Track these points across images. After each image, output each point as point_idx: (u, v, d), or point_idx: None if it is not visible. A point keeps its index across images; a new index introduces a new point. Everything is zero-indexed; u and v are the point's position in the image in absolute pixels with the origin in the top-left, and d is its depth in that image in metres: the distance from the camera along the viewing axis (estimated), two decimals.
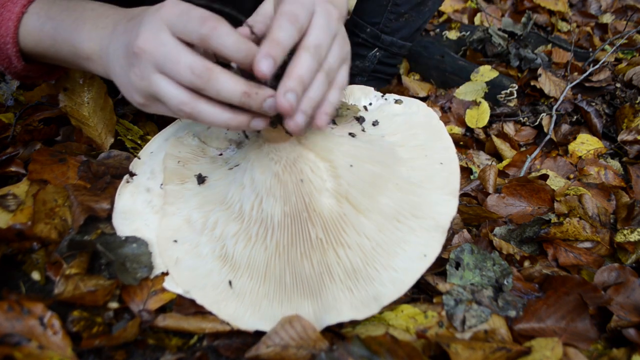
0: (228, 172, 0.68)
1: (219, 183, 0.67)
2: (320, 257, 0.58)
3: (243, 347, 0.55)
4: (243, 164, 0.65)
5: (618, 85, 1.42)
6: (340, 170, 0.61)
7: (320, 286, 0.58)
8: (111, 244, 0.63)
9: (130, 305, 0.58)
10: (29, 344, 0.48)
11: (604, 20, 2.00)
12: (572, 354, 0.55)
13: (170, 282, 0.60)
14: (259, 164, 0.62)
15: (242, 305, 0.58)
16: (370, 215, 0.60)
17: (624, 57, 1.63)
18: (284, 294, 0.58)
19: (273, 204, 0.60)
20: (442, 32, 1.69)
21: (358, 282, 0.57)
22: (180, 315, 0.57)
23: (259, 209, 0.61)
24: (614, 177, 1.05)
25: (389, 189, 0.62)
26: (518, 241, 0.79)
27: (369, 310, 0.55)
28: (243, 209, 0.62)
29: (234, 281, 0.59)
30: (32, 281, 0.60)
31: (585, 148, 1.20)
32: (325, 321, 0.55)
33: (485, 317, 0.59)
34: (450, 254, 0.66)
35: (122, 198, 0.68)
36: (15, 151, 0.80)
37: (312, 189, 0.59)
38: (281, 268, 0.59)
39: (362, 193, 0.61)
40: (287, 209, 0.59)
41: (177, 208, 0.66)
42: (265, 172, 0.61)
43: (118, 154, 0.79)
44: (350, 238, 0.59)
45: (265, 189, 0.60)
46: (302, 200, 0.59)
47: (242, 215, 0.62)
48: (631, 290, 0.66)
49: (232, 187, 0.64)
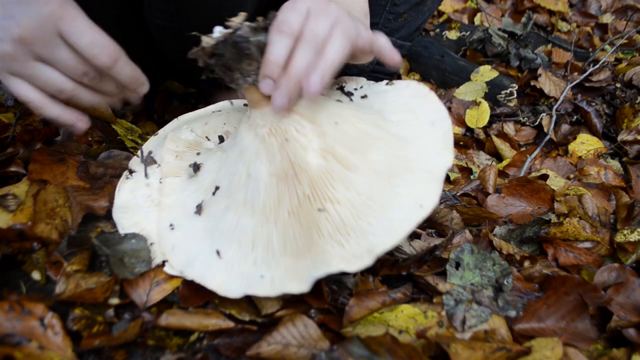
0: (222, 155, 0.68)
1: (212, 167, 0.68)
2: (308, 214, 0.58)
3: (243, 346, 0.55)
4: (235, 142, 0.66)
5: (618, 85, 1.42)
6: (325, 127, 0.60)
7: (309, 243, 0.57)
8: (110, 240, 0.63)
9: (132, 297, 0.58)
10: (29, 344, 0.48)
11: (604, 20, 2.00)
12: (572, 354, 0.55)
13: (169, 267, 0.61)
14: (246, 133, 0.62)
15: (230, 274, 0.58)
16: (359, 171, 0.59)
17: (624, 57, 1.63)
18: (272, 258, 0.58)
19: (259, 167, 0.60)
20: (442, 32, 1.69)
21: (349, 235, 0.56)
22: (183, 312, 0.57)
23: (247, 176, 0.61)
24: (614, 177, 1.05)
25: (379, 147, 0.62)
26: (518, 241, 0.79)
27: (360, 262, 0.53)
28: (232, 183, 0.63)
29: (222, 252, 0.60)
30: (32, 281, 0.60)
31: (585, 148, 1.20)
32: (313, 275, 0.54)
33: (485, 317, 0.59)
34: (450, 254, 0.66)
35: (121, 193, 0.69)
36: (15, 151, 0.80)
37: (297, 147, 0.59)
38: (269, 231, 0.59)
39: (350, 150, 0.60)
40: (273, 169, 0.59)
41: (173, 199, 0.67)
42: (251, 139, 0.61)
43: (118, 154, 0.79)
44: (339, 193, 0.58)
45: (252, 155, 0.61)
46: (288, 158, 0.59)
47: (231, 189, 0.63)
48: (631, 290, 0.66)
49: (224, 166, 0.65)
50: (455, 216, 0.82)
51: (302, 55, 0.55)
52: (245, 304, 0.60)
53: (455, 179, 1.09)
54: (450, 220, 0.81)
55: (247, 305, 0.60)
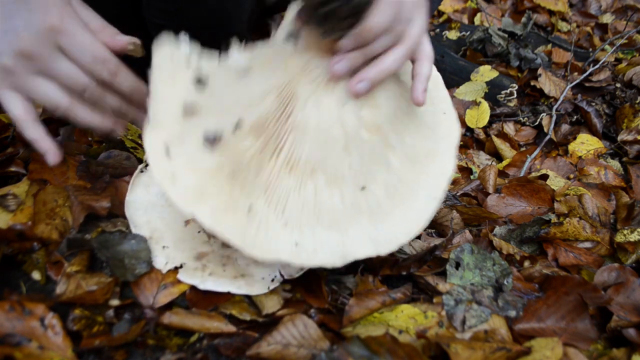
0: (237, 77, 0.58)
1: (227, 90, 0.57)
2: (350, 190, 0.56)
3: (243, 346, 0.55)
4: (261, 70, 0.58)
5: (618, 85, 1.42)
6: (380, 100, 0.59)
7: (347, 220, 0.56)
8: (110, 241, 0.63)
9: (140, 299, 0.58)
10: (30, 345, 0.48)
11: (604, 20, 2.00)
12: (572, 354, 0.55)
13: (183, 274, 0.60)
14: (288, 72, 0.56)
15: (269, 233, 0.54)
16: (396, 152, 0.59)
17: (624, 57, 1.63)
18: (305, 224, 0.55)
19: (303, 115, 0.55)
20: (442, 32, 1.69)
21: (381, 217, 0.57)
22: (186, 312, 0.57)
23: (286, 119, 0.55)
24: (614, 177, 1.05)
25: (412, 131, 0.62)
26: (518, 241, 0.79)
27: (389, 247, 0.55)
28: (266, 120, 0.55)
29: (255, 207, 0.54)
30: (32, 281, 0.60)
31: (585, 148, 1.20)
32: (350, 256, 0.54)
33: (485, 317, 0.59)
34: (450, 254, 0.66)
35: (135, 188, 0.68)
36: (15, 151, 0.80)
37: (349, 114, 0.56)
38: (306, 199, 0.55)
39: (393, 129, 0.60)
40: (320, 132, 0.55)
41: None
42: (298, 82, 0.56)
43: (118, 154, 0.79)
44: (379, 173, 0.58)
45: (294, 99, 0.55)
46: (339, 124, 0.56)
47: (265, 128, 0.55)
48: (631, 290, 0.66)
49: (246, 91, 0.57)
50: (455, 216, 0.82)
51: (380, 46, 0.56)
52: (246, 304, 0.60)
53: (455, 179, 1.09)
54: (450, 220, 0.81)
55: (247, 306, 0.60)
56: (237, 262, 0.62)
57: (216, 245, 0.65)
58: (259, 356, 0.53)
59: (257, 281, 0.60)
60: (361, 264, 0.69)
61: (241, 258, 0.62)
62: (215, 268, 0.61)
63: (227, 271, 0.61)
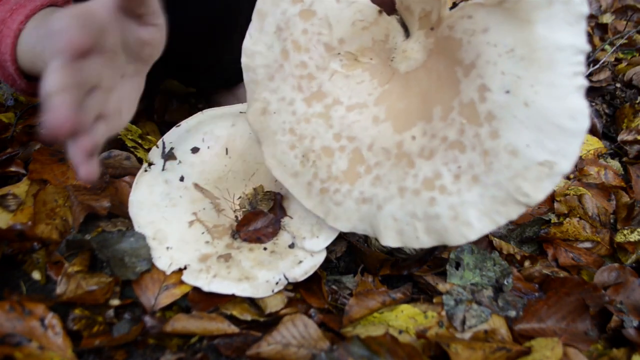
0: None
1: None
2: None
3: (243, 346, 0.55)
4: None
5: (618, 85, 1.42)
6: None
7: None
8: (109, 240, 0.63)
9: (141, 299, 0.58)
10: (30, 344, 0.48)
11: (604, 20, 2.00)
12: (572, 354, 0.55)
13: (188, 276, 0.60)
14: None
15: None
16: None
17: (624, 57, 1.63)
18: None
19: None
20: None
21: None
22: (187, 317, 0.57)
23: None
24: (614, 177, 1.05)
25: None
26: (518, 241, 0.79)
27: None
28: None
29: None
30: (32, 281, 0.60)
31: (585, 148, 1.20)
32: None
33: (485, 317, 0.59)
34: (450, 254, 0.66)
35: (139, 187, 0.67)
36: (15, 151, 0.80)
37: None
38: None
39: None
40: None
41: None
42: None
43: (118, 154, 0.79)
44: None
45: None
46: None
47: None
48: (631, 290, 0.66)
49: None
50: None
51: None
52: (247, 304, 0.60)
53: None
54: None
55: (248, 306, 0.60)
56: (241, 264, 0.62)
57: (220, 247, 0.65)
58: (259, 356, 0.53)
59: (262, 284, 0.60)
60: (361, 264, 0.69)
61: (245, 260, 0.62)
62: (220, 270, 0.61)
63: (231, 273, 0.61)
